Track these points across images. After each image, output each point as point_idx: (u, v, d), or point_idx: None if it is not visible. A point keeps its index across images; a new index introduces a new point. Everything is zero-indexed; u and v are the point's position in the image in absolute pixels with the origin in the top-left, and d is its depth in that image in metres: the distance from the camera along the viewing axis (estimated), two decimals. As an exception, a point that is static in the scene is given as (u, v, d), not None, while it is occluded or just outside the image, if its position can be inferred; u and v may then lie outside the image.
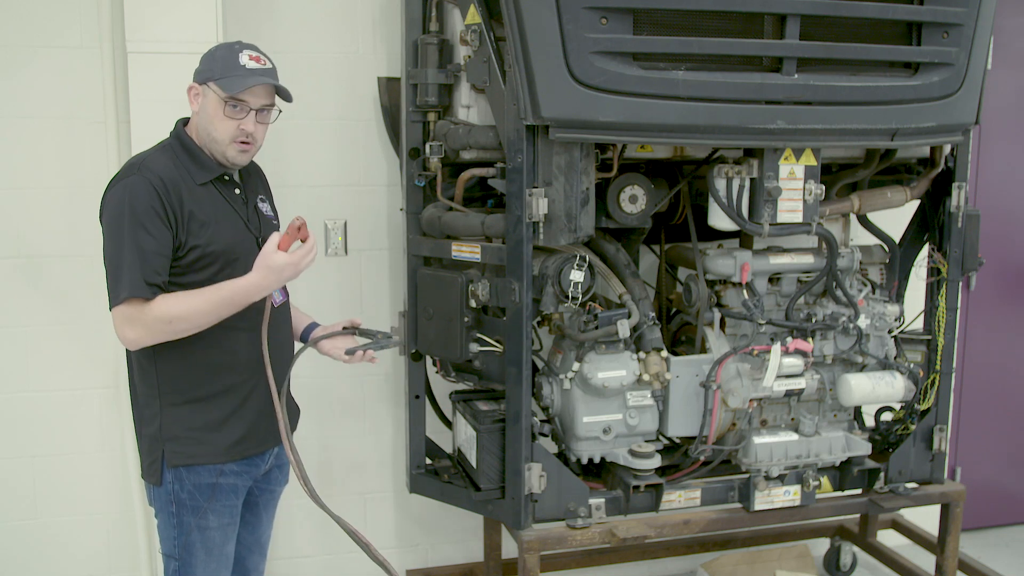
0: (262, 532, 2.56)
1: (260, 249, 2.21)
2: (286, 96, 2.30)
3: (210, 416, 2.26)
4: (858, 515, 3.73)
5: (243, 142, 2.23)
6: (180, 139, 2.26)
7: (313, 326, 2.60)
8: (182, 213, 2.15)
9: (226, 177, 2.30)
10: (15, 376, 3.11)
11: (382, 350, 2.48)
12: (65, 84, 3.01)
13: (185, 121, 2.32)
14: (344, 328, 2.52)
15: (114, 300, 2.11)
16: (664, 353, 2.80)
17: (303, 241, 2.23)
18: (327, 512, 2.34)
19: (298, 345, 2.54)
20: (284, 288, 2.42)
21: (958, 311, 3.10)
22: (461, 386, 3.02)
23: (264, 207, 2.42)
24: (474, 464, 2.82)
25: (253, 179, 2.45)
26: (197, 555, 2.28)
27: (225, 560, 2.35)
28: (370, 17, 3.22)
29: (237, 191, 2.32)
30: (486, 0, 2.61)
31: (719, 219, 2.79)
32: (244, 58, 2.22)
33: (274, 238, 2.19)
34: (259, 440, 2.35)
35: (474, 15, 2.65)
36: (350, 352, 2.45)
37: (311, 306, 3.26)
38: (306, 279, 3.24)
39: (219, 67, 2.20)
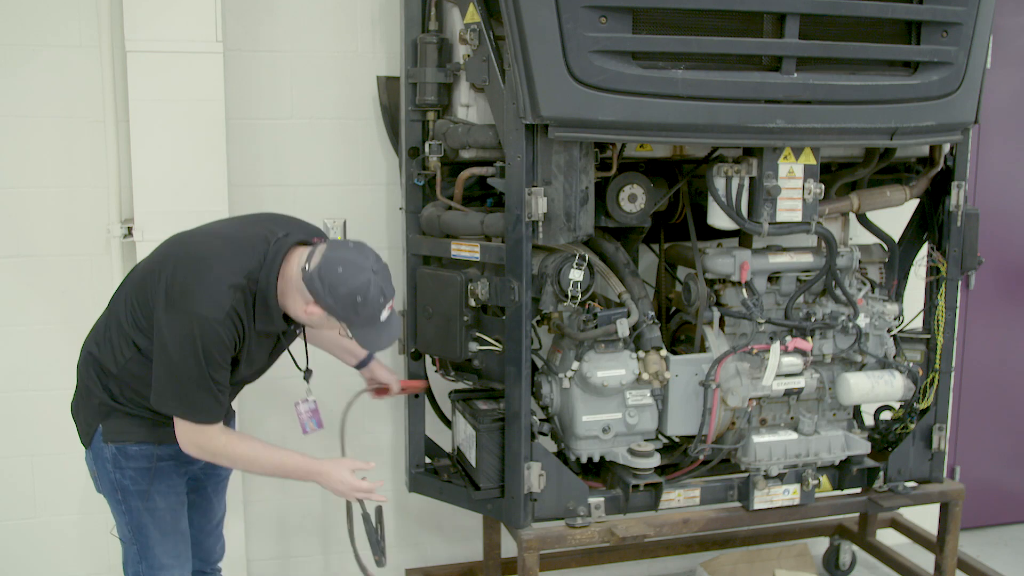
0: (215, 514, 2.64)
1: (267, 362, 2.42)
2: None
3: (152, 424, 2.35)
4: (857, 514, 3.73)
5: None
6: (266, 292, 2.20)
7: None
8: (239, 353, 2.25)
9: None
10: (15, 376, 3.11)
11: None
12: (64, 83, 3.00)
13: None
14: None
15: (186, 417, 2.21)
16: (663, 352, 2.80)
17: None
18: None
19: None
20: (318, 418, 2.69)
21: (957, 310, 3.10)
22: (460, 385, 3.02)
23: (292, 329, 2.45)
24: (473, 463, 2.82)
25: None
26: (152, 535, 2.37)
27: (181, 537, 2.44)
28: (369, 16, 3.22)
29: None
30: (485, -1, 2.61)
31: (718, 218, 2.79)
32: (385, 312, 2.22)
33: (356, 463, 2.42)
34: None
35: (473, 14, 2.64)
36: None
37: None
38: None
39: (361, 320, 2.21)
